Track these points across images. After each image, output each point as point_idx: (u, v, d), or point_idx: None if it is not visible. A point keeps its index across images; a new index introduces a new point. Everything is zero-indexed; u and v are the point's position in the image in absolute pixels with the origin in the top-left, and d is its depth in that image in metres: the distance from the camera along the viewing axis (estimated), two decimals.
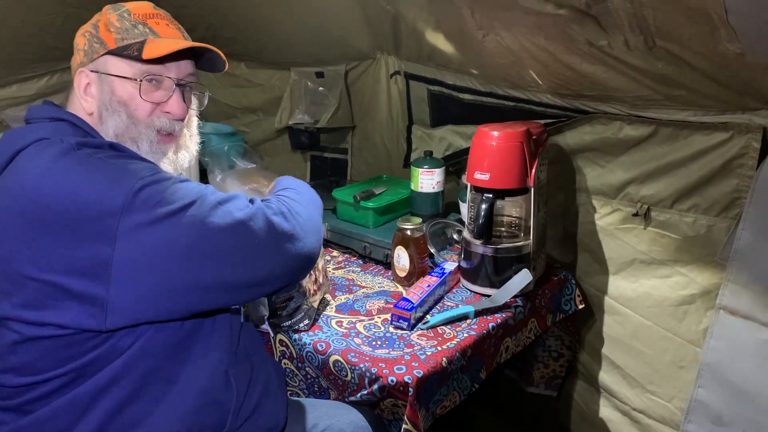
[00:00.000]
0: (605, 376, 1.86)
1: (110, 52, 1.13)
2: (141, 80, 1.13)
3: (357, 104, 2.37)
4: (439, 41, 1.84)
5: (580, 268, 1.87)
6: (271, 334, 1.47)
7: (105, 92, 1.14)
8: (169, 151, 1.19)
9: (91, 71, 1.15)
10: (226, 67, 1.23)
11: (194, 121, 1.27)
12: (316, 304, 1.47)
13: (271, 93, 2.56)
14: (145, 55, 1.11)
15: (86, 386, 1.02)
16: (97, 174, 0.99)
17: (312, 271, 1.45)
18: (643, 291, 1.72)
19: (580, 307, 1.79)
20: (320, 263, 1.50)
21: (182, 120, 1.20)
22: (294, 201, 1.16)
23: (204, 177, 2.09)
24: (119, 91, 1.13)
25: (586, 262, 1.85)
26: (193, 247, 0.99)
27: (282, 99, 2.46)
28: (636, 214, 1.68)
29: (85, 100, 1.15)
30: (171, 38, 1.16)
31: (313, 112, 2.40)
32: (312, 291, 1.46)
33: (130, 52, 1.12)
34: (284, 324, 1.44)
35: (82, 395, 1.02)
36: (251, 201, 1.10)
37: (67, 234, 0.96)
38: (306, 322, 1.44)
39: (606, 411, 1.90)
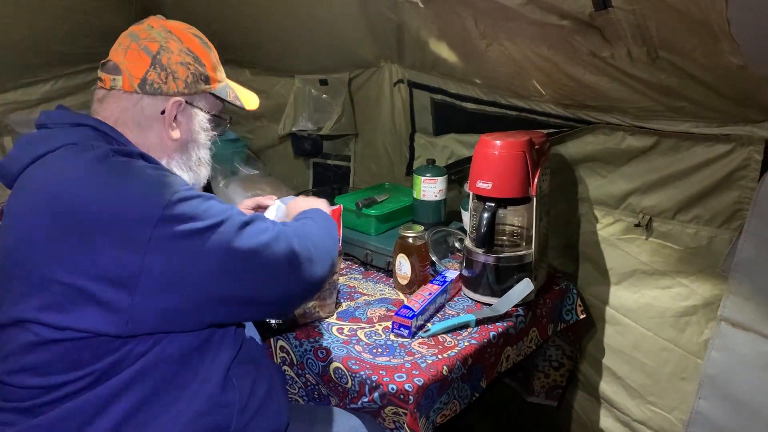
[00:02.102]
0: (606, 387, 1.86)
1: (211, 92, 1.23)
2: (220, 116, 1.28)
3: (360, 112, 2.38)
4: (443, 50, 1.85)
5: (581, 277, 1.87)
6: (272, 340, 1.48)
7: (193, 123, 1.22)
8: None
9: (187, 102, 1.19)
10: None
11: None
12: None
13: (275, 100, 2.56)
14: (248, 108, 1.31)
15: (100, 390, 1.02)
16: (135, 182, 1.01)
17: None
18: (644, 302, 1.72)
19: (582, 317, 1.79)
20: None
21: None
22: (310, 229, 1.22)
23: (207, 183, 2.09)
24: (207, 124, 1.25)
25: (588, 272, 1.85)
26: (220, 264, 1.02)
27: (286, 106, 2.47)
28: (638, 225, 1.68)
29: (172, 128, 1.18)
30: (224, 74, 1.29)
31: (316, 120, 2.41)
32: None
33: (231, 100, 1.27)
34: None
35: (96, 398, 1.02)
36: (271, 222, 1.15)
37: (99, 239, 0.97)
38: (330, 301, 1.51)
39: (606, 422, 1.89)
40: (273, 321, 1.46)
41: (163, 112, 1.16)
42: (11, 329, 1.03)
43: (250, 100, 1.33)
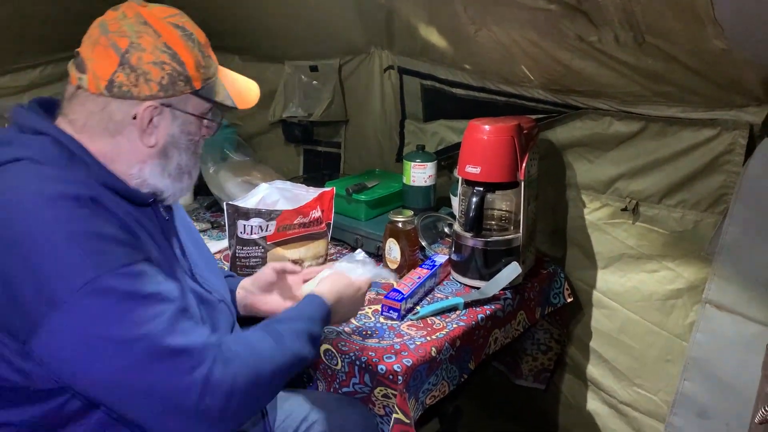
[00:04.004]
0: (593, 370, 1.88)
1: (195, 93, 1.05)
2: (210, 117, 1.11)
3: (350, 98, 2.38)
4: (433, 36, 1.85)
5: (569, 262, 1.89)
6: None
7: (175, 127, 1.05)
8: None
9: (163, 104, 1.03)
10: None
11: None
12: None
13: (265, 86, 2.51)
14: (241, 106, 1.10)
15: None
16: (60, 249, 0.88)
17: None
18: (631, 285, 1.74)
19: (569, 300, 1.81)
20: None
21: None
22: (257, 369, 0.99)
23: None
24: (192, 128, 1.08)
25: (575, 256, 1.87)
26: (110, 385, 0.89)
27: (276, 92, 2.47)
28: (625, 209, 1.70)
29: (148, 134, 1.02)
30: (219, 65, 1.12)
31: (306, 106, 2.41)
32: None
33: (221, 99, 1.08)
34: None
35: None
36: (203, 355, 0.93)
37: (4, 288, 0.87)
38: None
39: (593, 404, 1.92)
40: None
41: (135, 117, 1.01)
42: None
43: (246, 97, 1.14)
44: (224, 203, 1.62)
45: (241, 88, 1.14)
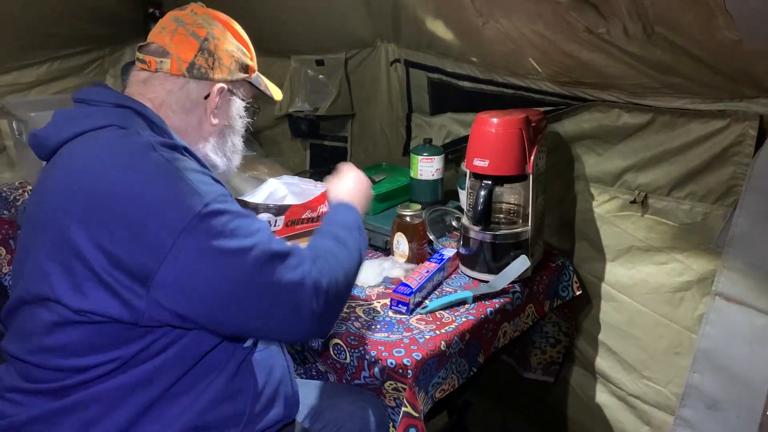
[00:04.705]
0: (602, 362, 1.88)
1: (249, 81, 1.26)
2: (255, 106, 1.30)
3: (357, 92, 2.38)
4: (439, 29, 1.85)
5: (577, 255, 1.88)
6: None
7: (231, 110, 1.24)
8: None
9: (229, 89, 1.22)
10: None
11: None
12: None
13: (272, 81, 2.55)
14: (276, 98, 1.36)
15: (122, 380, 1.02)
16: (170, 185, 0.99)
17: None
18: (639, 278, 1.74)
19: (578, 293, 1.81)
20: None
21: None
22: (338, 269, 1.13)
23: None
24: (242, 112, 1.27)
25: (584, 249, 1.86)
26: (235, 291, 1.00)
27: (282, 87, 2.47)
28: (633, 202, 1.69)
29: (213, 114, 1.20)
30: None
31: (312, 100, 2.41)
32: None
33: (264, 90, 1.31)
34: None
35: (117, 389, 1.02)
36: (299, 253, 1.09)
37: (126, 234, 0.96)
38: None
39: (602, 396, 1.92)
40: None
41: (206, 97, 1.18)
42: (35, 307, 1.03)
43: (277, 92, 1.38)
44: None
45: (269, 84, 1.36)
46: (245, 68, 1.24)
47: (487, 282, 1.59)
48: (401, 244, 1.68)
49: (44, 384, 1.03)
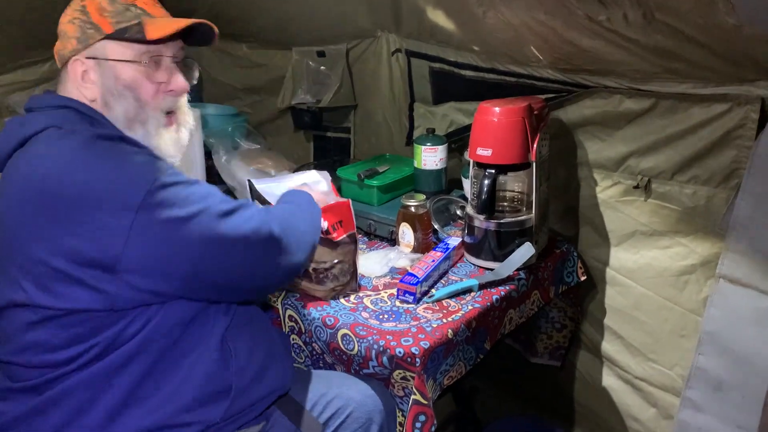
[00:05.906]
0: (608, 346, 1.90)
1: (108, 37, 1.13)
2: (145, 62, 1.15)
3: (359, 83, 2.38)
4: (440, 18, 1.85)
5: (582, 240, 1.89)
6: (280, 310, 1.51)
7: (107, 77, 1.14)
8: (173, 131, 1.23)
9: (88, 58, 1.14)
10: (215, 42, 1.24)
11: (185, 96, 1.28)
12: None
13: (273, 73, 2.56)
14: (150, 36, 1.11)
15: (102, 364, 1.06)
16: (117, 168, 1.03)
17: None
18: (644, 262, 1.75)
19: (583, 279, 1.83)
20: None
21: (182, 96, 1.24)
22: (293, 216, 1.27)
23: (209, 158, 2.11)
24: (123, 74, 1.14)
25: (588, 234, 1.87)
26: (200, 252, 1.06)
27: (284, 79, 2.47)
28: (636, 187, 1.70)
29: (85, 88, 1.15)
30: (164, 17, 1.19)
31: (315, 92, 2.41)
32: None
33: (131, 34, 1.12)
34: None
35: (99, 374, 1.06)
36: (251, 208, 1.17)
37: (83, 224, 0.99)
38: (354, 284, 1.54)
39: (609, 380, 1.94)
40: None
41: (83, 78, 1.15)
42: (9, 311, 1.06)
43: (162, 26, 1.14)
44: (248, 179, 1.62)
45: (167, 23, 1.15)
46: (94, 27, 1.12)
47: (492, 270, 1.60)
48: (406, 234, 1.70)
49: (30, 381, 1.07)
